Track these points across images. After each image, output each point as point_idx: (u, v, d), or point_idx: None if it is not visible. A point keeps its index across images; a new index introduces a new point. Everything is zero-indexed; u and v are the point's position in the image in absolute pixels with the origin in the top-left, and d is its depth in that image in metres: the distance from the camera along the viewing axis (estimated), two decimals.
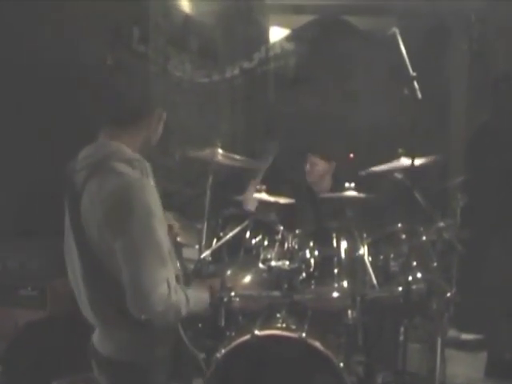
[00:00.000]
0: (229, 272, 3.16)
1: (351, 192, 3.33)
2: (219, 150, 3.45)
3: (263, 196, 3.46)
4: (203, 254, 3.17)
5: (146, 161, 2.17)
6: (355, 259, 3.24)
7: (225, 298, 2.51)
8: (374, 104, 4.51)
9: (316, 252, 3.26)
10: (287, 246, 3.34)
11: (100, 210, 2.05)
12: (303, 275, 3.17)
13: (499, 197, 4.28)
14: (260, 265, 3.23)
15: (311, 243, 3.29)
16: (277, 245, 3.34)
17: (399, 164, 3.31)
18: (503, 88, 4.64)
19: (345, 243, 3.32)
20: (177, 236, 2.66)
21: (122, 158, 2.10)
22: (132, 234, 2.02)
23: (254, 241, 3.34)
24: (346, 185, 3.36)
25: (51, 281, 3.78)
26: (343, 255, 3.28)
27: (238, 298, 2.74)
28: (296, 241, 3.35)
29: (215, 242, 3.31)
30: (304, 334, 2.76)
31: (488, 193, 4.19)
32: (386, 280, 3.21)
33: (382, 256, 3.31)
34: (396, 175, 3.33)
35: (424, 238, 3.25)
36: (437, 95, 4.44)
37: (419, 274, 3.16)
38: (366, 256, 3.21)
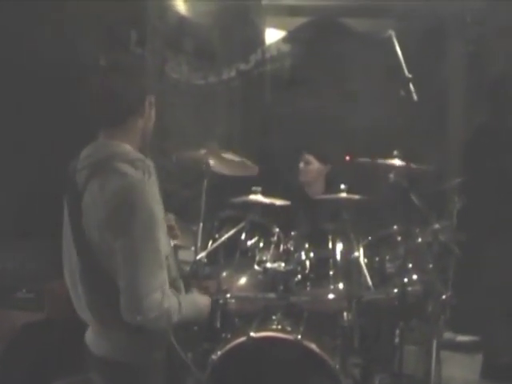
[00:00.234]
0: (224, 274, 3.16)
1: (345, 194, 3.33)
2: (215, 152, 3.46)
3: (259, 198, 3.44)
4: (199, 256, 3.17)
5: (149, 159, 2.18)
6: (351, 261, 3.24)
7: (220, 300, 2.50)
8: (371, 105, 4.50)
9: (312, 254, 3.26)
10: (283, 248, 3.35)
11: (102, 210, 2.05)
12: (299, 277, 3.17)
13: (496, 198, 4.27)
14: (256, 267, 3.23)
15: (307, 245, 3.28)
16: (272, 247, 3.35)
17: (392, 163, 3.30)
18: (501, 89, 4.65)
19: (340, 245, 3.32)
20: (177, 237, 2.66)
21: (125, 159, 2.10)
22: (133, 236, 2.02)
23: (250, 242, 3.34)
24: (342, 187, 3.36)
25: (49, 282, 3.78)
26: (339, 257, 3.28)
27: (234, 300, 2.75)
28: (291, 243, 3.35)
29: (211, 244, 3.31)
30: (300, 336, 2.76)
31: (485, 194, 4.18)
32: (382, 282, 3.21)
33: (378, 258, 3.31)
34: (391, 177, 3.31)
35: (420, 240, 3.26)
36: (435, 96, 4.43)
37: (415, 276, 3.16)
38: (362, 258, 3.21)
